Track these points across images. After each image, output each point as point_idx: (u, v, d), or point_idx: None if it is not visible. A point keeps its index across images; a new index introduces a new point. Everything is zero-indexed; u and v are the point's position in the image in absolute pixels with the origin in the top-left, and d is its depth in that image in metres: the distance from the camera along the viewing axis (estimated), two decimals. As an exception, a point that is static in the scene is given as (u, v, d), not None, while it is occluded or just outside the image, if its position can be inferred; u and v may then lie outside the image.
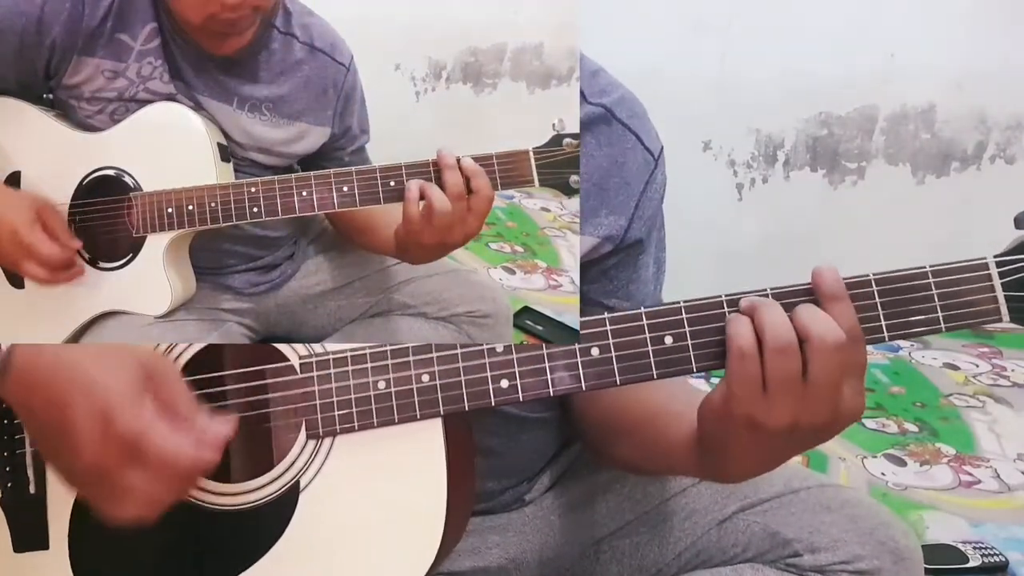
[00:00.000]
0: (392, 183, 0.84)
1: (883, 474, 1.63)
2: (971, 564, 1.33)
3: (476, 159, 0.82)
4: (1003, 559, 1.35)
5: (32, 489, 0.75)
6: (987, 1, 2.14)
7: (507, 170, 0.82)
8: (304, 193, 0.87)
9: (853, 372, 0.59)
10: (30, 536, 0.75)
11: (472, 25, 2.62)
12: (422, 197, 0.83)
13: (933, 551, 1.34)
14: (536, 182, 0.81)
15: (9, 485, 0.75)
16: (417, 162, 0.84)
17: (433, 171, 0.83)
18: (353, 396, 0.69)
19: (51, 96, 0.95)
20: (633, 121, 0.84)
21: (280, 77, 0.96)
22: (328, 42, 1.00)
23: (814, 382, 0.58)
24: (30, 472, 0.75)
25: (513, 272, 2.27)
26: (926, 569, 0.82)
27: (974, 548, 1.36)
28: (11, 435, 0.75)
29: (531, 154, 0.81)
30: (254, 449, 0.74)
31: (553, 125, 0.81)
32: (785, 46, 2.20)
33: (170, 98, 0.92)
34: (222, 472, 0.74)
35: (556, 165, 0.81)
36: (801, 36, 2.19)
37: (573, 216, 2.50)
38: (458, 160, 0.82)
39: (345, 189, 0.86)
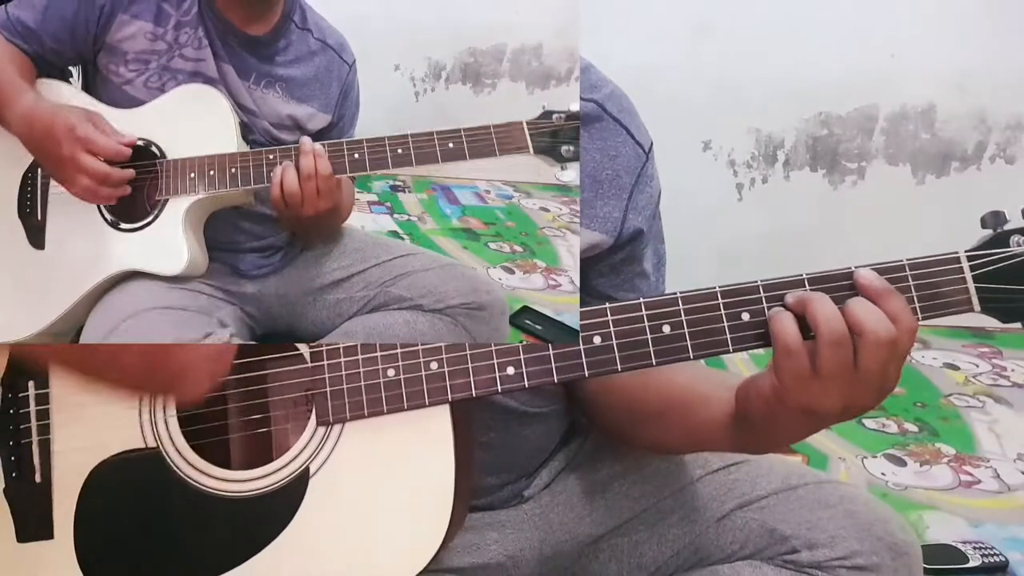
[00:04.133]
0: (400, 149, 0.97)
1: (883, 474, 1.63)
2: (971, 564, 1.33)
3: (474, 130, 0.92)
4: (1003, 559, 1.35)
5: (38, 478, 0.75)
6: (987, 1, 2.14)
7: (503, 138, 0.92)
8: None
9: (900, 357, 0.63)
10: (35, 526, 0.75)
11: (472, 26, 2.63)
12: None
13: (933, 551, 1.34)
14: (531, 148, 0.91)
15: (14, 475, 0.75)
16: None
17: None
18: (363, 383, 0.70)
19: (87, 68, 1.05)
20: (623, 116, 0.87)
21: (294, 63, 1.09)
22: (338, 41, 1.13)
23: (865, 370, 0.61)
24: (36, 461, 0.75)
25: (512, 272, 2.28)
26: (926, 569, 0.82)
27: (974, 548, 1.36)
28: (16, 425, 0.76)
29: (524, 124, 0.91)
30: (265, 436, 0.75)
31: (543, 106, 0.92)
32: (785, 46, 2.20)
33: (200, 64, 1.02)
34: (232, 459, 0.74)
35: (548, 135, 0.91)
36: (801, 36, 2.19)
37: (572, 215, 2.50)
38: (314, 148, 0.96)
39: (356, 156, 0.97)
